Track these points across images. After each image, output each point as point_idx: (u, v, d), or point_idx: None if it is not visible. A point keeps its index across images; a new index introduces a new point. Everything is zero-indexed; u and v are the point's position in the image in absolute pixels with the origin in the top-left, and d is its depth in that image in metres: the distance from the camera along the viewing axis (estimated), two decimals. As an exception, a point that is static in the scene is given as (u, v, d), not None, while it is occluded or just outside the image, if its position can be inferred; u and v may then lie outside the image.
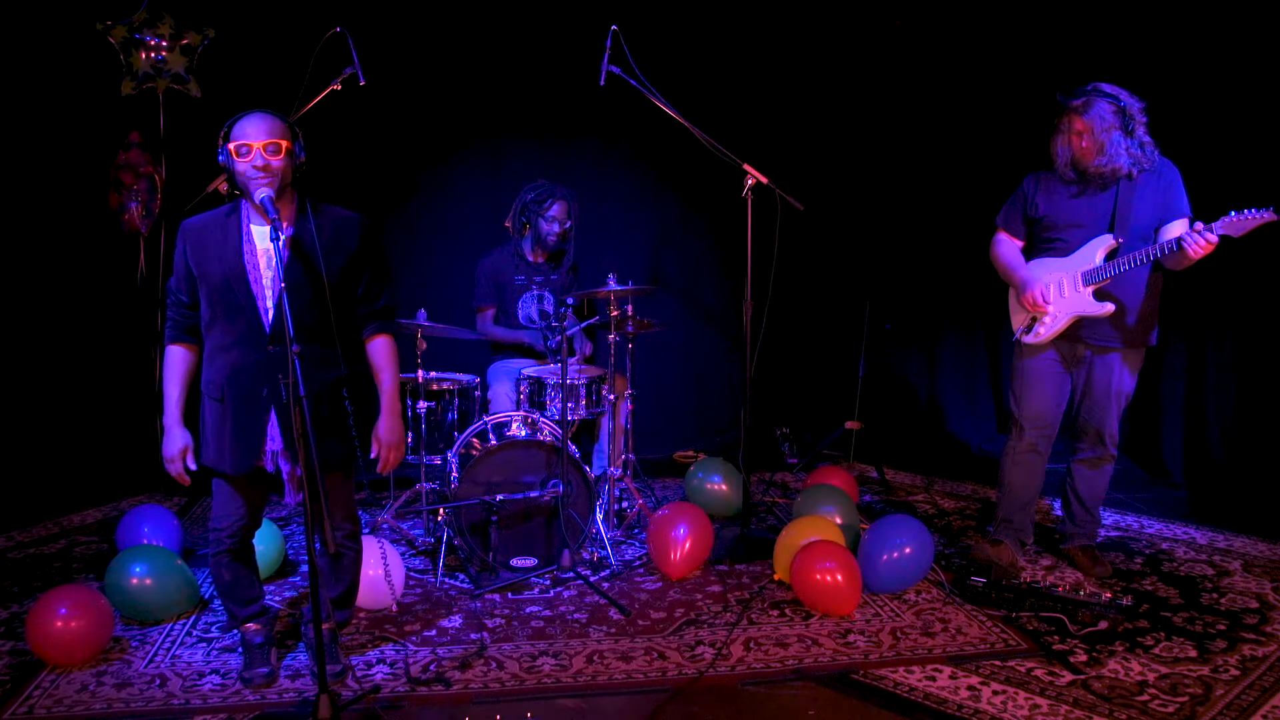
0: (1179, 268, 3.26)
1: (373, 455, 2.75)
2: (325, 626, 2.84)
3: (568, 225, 4.39)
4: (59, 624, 2.78)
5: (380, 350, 2.78)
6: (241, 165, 2.52)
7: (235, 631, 2.98)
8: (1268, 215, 2.96)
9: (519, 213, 4.41)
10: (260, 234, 2.62)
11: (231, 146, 2.52)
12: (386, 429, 2.75)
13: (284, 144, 2.55)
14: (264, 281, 2.59)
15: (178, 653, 2.92)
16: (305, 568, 3.63)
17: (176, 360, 2.68)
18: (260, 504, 2.78)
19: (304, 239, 2.59)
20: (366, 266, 2.73)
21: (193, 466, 2.68)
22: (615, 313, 3.95)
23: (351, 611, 2.98)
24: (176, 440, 2.65)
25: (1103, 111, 3.25)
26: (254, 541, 2.85)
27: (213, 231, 2.62)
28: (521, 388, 3.98)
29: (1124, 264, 3.26)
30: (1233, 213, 3.01)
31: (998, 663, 2.84)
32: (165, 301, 2.75)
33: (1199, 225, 3.09)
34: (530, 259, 4.49)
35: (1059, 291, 3.43)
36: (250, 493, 2.73)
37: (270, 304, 2.58)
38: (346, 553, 2.83)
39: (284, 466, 2.69)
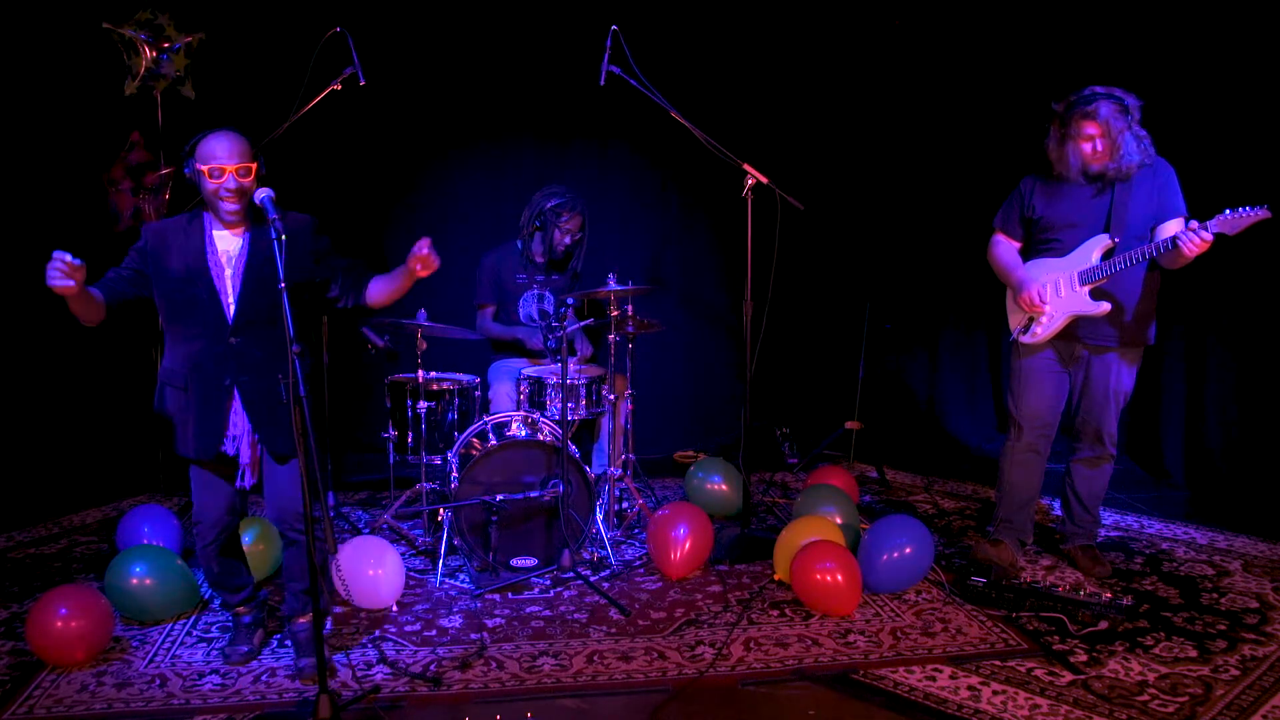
0: (1174, 266, 3.27)
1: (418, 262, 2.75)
2: (303, 620, 2.91)
3: (579, 236, 4.40)
4: (59, 624, 2.78)
5: (379, 279, 2.92)
6: (213, 185, 2.67)
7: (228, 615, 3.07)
8: (1262, 213, 2.97)
9: (534, 215, 4.40)
10: (221, 237, 2.78)
11: (204, 168, 2.66)
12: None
13: (253, 167, 2.71)
14: (226, 279, 2.73)
15: (178, 653, 2.93)
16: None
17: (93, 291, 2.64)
18: (242, 493, 2.85)
19: (262, 243, 2.72)
20: (326, 256, 2.88)
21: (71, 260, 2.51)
22: (615, 313, 3.95)
23: (325, 605, 3.01)
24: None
25: (1112, 112, 3.25)
26: (253, 541, 2.90)
27: (175, 233, 2.76)
28: (522, 387, 3.99)
29: (1120, 263, 3.26)
30: (1227, 210, 3.01)
31: (998, 663, 2.84)
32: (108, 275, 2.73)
33: (1194, 224, 3.09)
34: (537, 260, 4.49)
35: (1055, 291, 3.43)
36: (229, 479, 2.81)
37: (233, 300, 2.72)
38: (300, 538, 2.81)
39: (244, 453, 2.76)
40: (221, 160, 2.64)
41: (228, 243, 2.75)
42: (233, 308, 2.71)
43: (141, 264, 2.73)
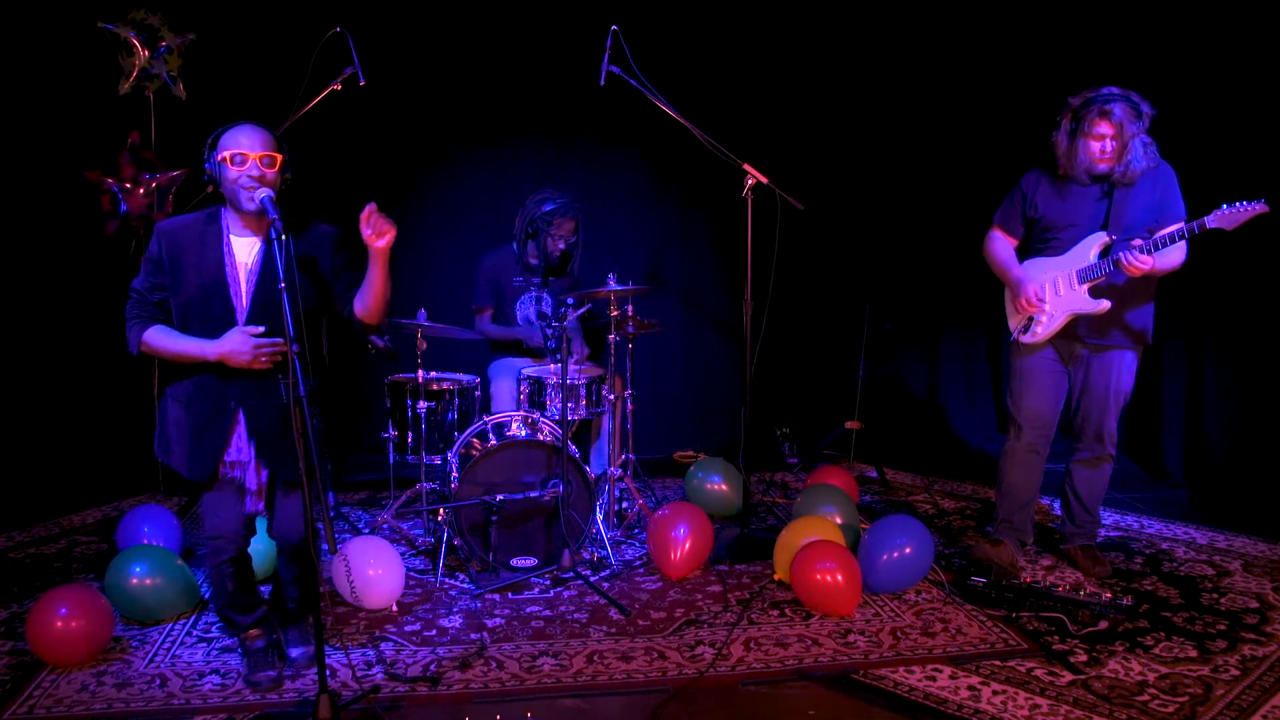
0: (1158, 274, 3.28)
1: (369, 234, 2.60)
2: (292, 607, 2.89)
3: (573, 240, 4.39)
4: (59, 624, 2.78)
5: (359, 291, 2.75)
6: (234, 173, 2.54)
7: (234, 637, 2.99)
8: (1259, 207, 2.96)
9: (526, 222, 4.38)
10: (240, 246, 2.65)
11: (226, 154, 2.54)
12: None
13: (279, 158, 2.60)
14: (242, 295, 2.62)
15: (178, 653, 2.93)
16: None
17: (165, 331, 2.63)
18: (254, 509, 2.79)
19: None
20: (345, 270, 2.80)
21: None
22: (615, 313, 3.95)
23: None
24: (234, 333, 2.56)
25: (1127, 115, 3.23)
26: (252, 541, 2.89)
27: (190, 239, 2.62)
28: (522, 387, 3.99)
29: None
30: (1224, 205, 3.01)
31: (998, 663, 2.84)
32: (130, 300, 2.68)
33: (1137, 242, 3.14)
34: (533, 264, 4.48)
35: (1054, 290, 3.43)
36: (243, 498, 2.73)
37: (244, 317, 2.61)
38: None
39: (250, 478, 2.69)
40: (244, 147, 2.53)
41: (245, 253, 2.63)
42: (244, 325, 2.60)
43: (159, 277, 2.62)
